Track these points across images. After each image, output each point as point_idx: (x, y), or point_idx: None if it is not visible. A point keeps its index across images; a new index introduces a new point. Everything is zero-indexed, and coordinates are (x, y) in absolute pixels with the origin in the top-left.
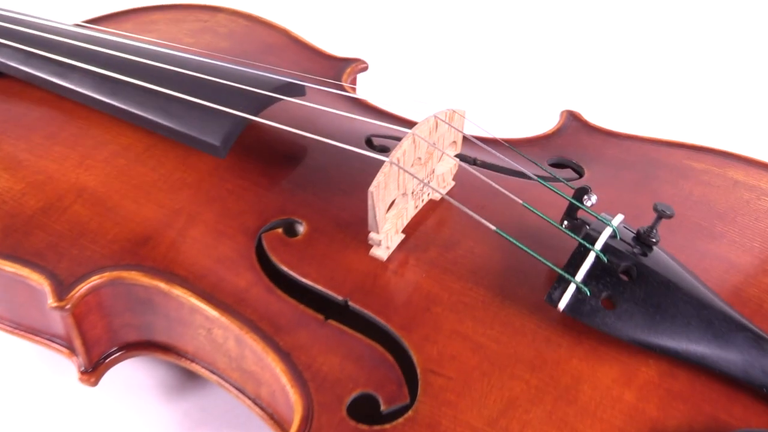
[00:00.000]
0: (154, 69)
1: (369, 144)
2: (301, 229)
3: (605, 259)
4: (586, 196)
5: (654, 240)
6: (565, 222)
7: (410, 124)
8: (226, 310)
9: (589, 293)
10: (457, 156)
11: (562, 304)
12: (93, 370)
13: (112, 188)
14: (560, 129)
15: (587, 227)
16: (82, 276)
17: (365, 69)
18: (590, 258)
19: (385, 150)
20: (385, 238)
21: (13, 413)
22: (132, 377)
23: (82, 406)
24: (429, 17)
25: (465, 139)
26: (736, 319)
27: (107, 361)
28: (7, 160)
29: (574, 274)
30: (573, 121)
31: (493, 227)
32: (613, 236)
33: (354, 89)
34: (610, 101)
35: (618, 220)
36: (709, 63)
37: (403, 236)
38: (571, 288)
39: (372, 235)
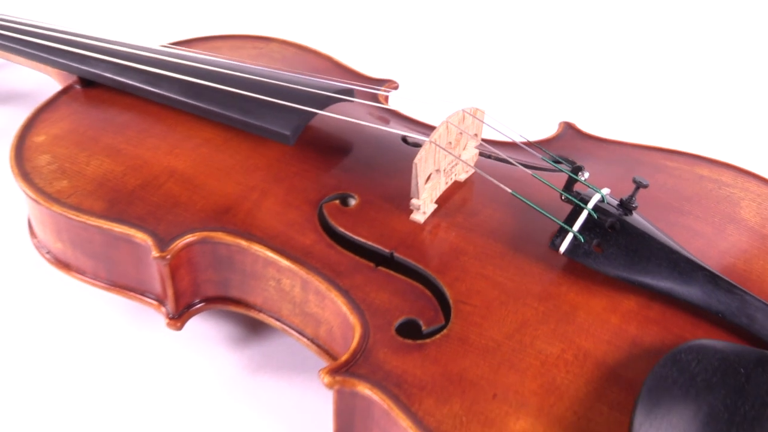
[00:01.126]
0: (232, 76)
1: (404, 141)
2: (353, 201)
3: (595, 216)
4: (580, 173)
5: (634, 206)
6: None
7: (430, 128)
8: (296, 261)
9: (583, 240)
10: (476, 147)
11: (562, 249)
12: (178, 317)
13: (197, 170)
14: (558, 135)
15: (581, 194)
16: (178, 235)
17: (396, 88)
18: (584, 215)
19: (417, 146)
20: (423, 204)
21: (103, 357)
22: (204, 330)
23: (161, 353)
24: (435, 36)
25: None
26: (696, 263)
27: (190, 310)
28: (108, 150)
29: (571, 226)
30: (569, 129)
31: (509, 190)
32: (601, 201)
33: (387, 100)
34: (600, 113)
35: (606, 191)
36: (687, 79)
37: (435, 206)
38: (569, 236)
39: (413, 200)
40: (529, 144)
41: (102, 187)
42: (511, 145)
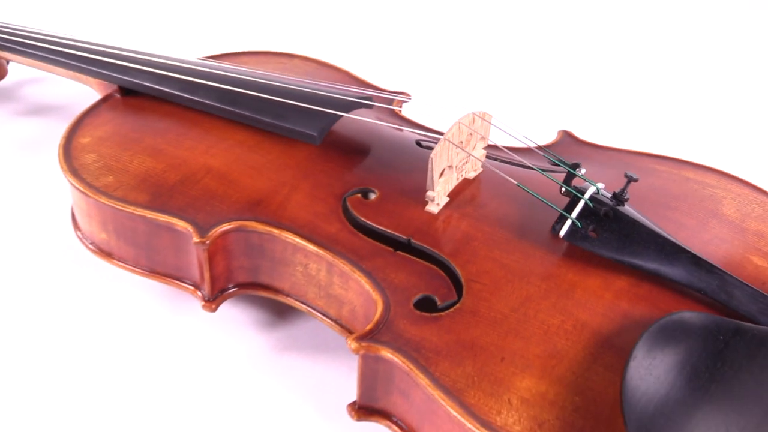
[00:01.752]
0: (263, 84)
1: (418, 144)
2: (373, 195)
3: (591, 205)
4: (578, 169)
5: (626, 198)
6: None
7: (441, 133)
8: (322, 246)
9: (580, 226)
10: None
11: (562, 233)
12: (213, 300)
13: (232, 168)
14: (557, 142)
15: (579, 187)
16: (215, 223)
17: (409, 98)
18: (581, 204)
19: (429, 148)
20: (437, 196)
21: (141, 339)
22: (234, 314)
23: (195, 335)
24: (441, 52)
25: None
26: (680, 246)
27: (223, 294)
28: (150, 150)
29: (569, 213)
30: (567, 137)
31: (514, 182)
32: (596, 192)
33: (400, 111)
34: (596, 121)
35: (600, 185)
36: (676, 91)
37: (447, 199)
38: (568, 223)
39: (429, 192)
40: (531, 148)
41: (145, 182)
42: (515, 150)
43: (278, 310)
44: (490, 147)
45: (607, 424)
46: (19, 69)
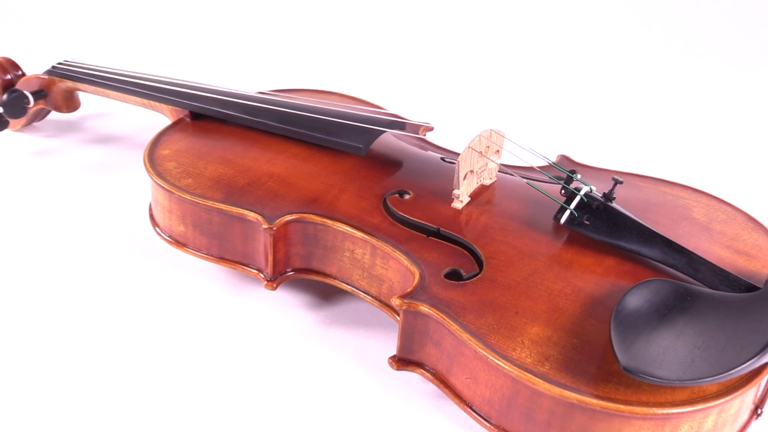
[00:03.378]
0: (314, 107)
1: (442, 160)
2: (408, 195)
3: (585, 200)
4: (575, 174)
5: (613, 196)
6: (563, 188)
7: (457, 153)
8: (367, 233)
9: (577, 215)
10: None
11: (562, 220)
12: (274, 280)
13: (290, 174)
14: (557, 163)
15: (575, 187)
16: (280, 214)
17: (432, 129)
18: (577, 198)
19: (452, 163)
20: (461, 194)
21: (207, 317)
22: (286, 297)
23: (254, 315)
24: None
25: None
26: (656, 232)
27: (282, 276)
28: (220, 160)
29: (569, 205)
30: (565, 159)
31: (525, 180)
32: (589, 191)
33: (425, 137)
34: (589, 146)
35: (593, 187)
36: (657, 121)
37: (469, 198)
38: (567, 212)
39: (455, 191)
40: (533, 167)
41: (218, 183)
42: (521, 168)
43: (324, 292)
44: (502, 166)
45: (599, 358)
46: (85, 102)
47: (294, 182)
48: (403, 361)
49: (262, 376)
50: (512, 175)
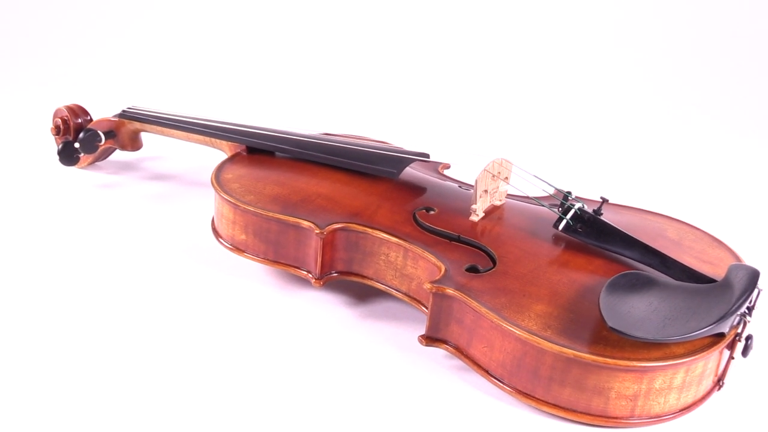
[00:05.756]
0: (353, 141)
1: (459, 187)
2: (433, 211)
3: (579, 213)
4: (570, 194)
5: (601, 213)
6: (560, 205)
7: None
8: (402, 239)
9: (572, 224)
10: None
11: (560, 228)
12: (321, 278)
13: (335, 194)
14: (554, 195)
15: (570, 204)
16: (330, 222)
17: (449, 167)
18: (572, 211)
19: (468, 190)
20: (478, 209)
21: (262, 313)
22: (326, 298)
23: (299, 311)
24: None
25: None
26: (635, 239)
27: (328, 276)
28: (276, 182)
29: (565, 216)
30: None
31: (531, 196)
32: (581, 207)
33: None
34: (581, 179)
35: (585, 204)
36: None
37: (483, 214)
38: (564, 222)
39: (473, 206)
40: (527, 198)
41: (275, 200)
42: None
43: (360, 293)
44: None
45: (591, 328)
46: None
47: (339, 200)
48: (430, 338)
49: (311, 360)
50: (517, 198)
